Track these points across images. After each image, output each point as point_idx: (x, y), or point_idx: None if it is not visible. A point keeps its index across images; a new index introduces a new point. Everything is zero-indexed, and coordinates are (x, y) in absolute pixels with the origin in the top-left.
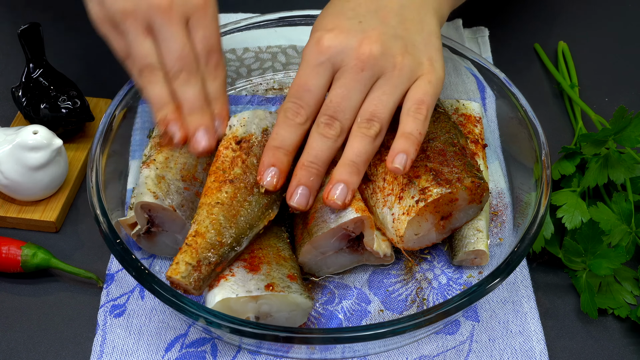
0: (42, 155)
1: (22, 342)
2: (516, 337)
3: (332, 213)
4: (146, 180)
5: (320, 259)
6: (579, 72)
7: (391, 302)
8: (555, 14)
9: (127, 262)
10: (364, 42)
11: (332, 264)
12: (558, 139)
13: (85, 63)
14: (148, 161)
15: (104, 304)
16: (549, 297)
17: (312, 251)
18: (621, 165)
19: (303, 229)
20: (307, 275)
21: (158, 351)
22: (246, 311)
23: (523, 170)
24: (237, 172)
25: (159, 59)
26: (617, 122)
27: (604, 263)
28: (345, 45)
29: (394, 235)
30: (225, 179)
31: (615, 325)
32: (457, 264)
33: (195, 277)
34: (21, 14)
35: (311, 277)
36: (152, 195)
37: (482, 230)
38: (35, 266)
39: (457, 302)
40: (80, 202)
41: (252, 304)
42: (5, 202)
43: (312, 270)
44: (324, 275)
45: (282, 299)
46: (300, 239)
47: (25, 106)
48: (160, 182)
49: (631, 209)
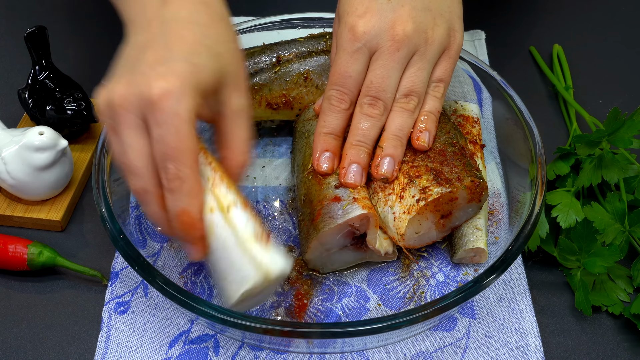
0: (47, 156)
1: (29, 338)
2: (512, 333)
3: (338, 209)
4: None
5: (325, 255)
6: (574, 74)
7: (389, 299)
8: (550, 17)
9: (130, 258)
10: (396, 23)
11: (336, 260)
12: (553, 140)
13: (90, 65)
14: None
15: (108, 302)
16: (544, 294)
17: (318, 247)
18: (615, 165)
19: (309, 225)
20: (311, 272)
21: (161, 347)
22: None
23: (519, 170)
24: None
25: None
26: (610, 123)
27: (598, 261)
28: (379, 28)
29: (395, 234)
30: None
31: (609, 322)
32: (456, 261)
33: None
34: (27, 17)
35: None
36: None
37: (481, 228)
38: (41, 264)
39: (453, 298)
40: (86, 202)
41: None
42: (12, 202)
43: (317, 267)
44: (328, 272)
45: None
46: (307, 235)
47: (31, 108)
48: None
49: (624, 209)
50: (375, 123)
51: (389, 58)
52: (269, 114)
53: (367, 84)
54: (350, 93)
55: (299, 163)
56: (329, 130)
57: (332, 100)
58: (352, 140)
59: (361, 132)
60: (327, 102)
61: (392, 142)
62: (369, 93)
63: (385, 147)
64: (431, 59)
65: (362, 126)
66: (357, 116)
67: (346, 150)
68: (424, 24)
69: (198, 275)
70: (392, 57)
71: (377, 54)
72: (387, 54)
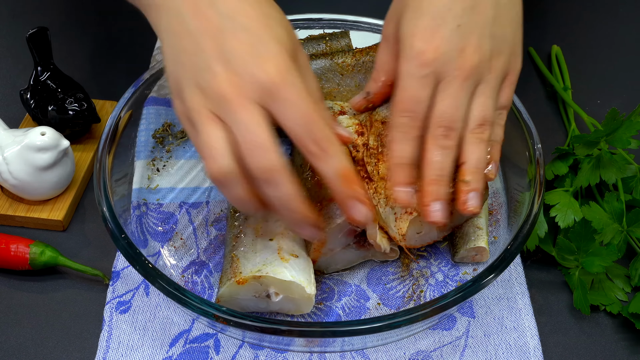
0: (49, 156)
1: (31, 337)
2: (511, 332)
3: (337, 209)
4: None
5: (329, 255)
6: (572, 75)
7: (389, 298)
8: (548, 18)
9: (132, 257)
10: (465, 51)
11: (340, 260)
12: (551, 140)
13: (91, 66)
14: None
15: (109, 301)
16: (543, 293)
17: (321, 247)
18: (613, 165)
19: None
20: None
21: (162, 346)
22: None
23: (517, 170)
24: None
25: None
26: (609, 123)
27: (596, 261)
28: (449, 56)
29: (396, 234)
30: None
31: (607, 322)
32: (458, 260)
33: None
34: (29, 18)
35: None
36: None
37: (482, 227)
38: (43, 264)
39: (452, 297)
40: (87, 202)
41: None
42: (14, 202)
43: (321, 268)
44: (332, 272)
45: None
46: None
47: (33, 108)
48: None
49: (622, 208)
50: (449, 154)
51: (459, 87)
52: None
53: (438, 114)
54: (421, 120)
55: (298, 165)
56: (407, 160)
57: (405, 127)
58: (432, 176)
59: (439, 166)
60: (399, 130)
61: (476, 175)
62: (442, 124)
63: (472, 181)
64: (496, 86)
65: (440, 159)
66: (431, 148)
67: (426, 186)
68: (490, 52)
69: (199, 275)
70: (461, 87)
71: (446, 82)
72: (456, 83)
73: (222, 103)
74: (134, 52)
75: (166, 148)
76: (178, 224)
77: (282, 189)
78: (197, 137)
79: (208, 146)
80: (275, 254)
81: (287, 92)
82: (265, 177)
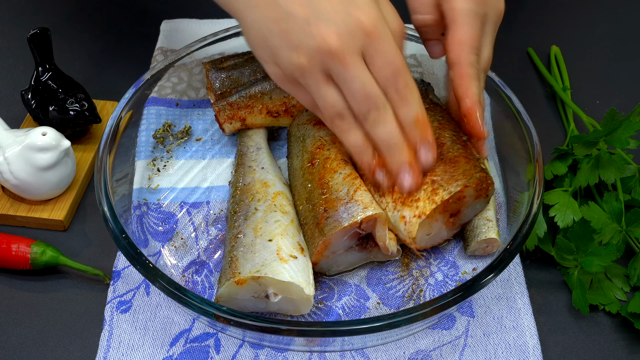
0: (50, 156)
1: (32, 337)
2: (510, 332)
3: (343, 212)
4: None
5: (331, 258)
6: (571, 75)
7: (389, 298)
8: (548, 19)
9: (132, 257)
10: None
11: (342, 262)
12: (551, 140)
13: (92, 67)
14: None
15: (110, 300)
16: (542, 293)
17: (324, 251)
18: (612, 165)
19: (314, 229)
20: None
21: (163, 346)
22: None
23: (517, 170)
24: None
25: (346, 104)
26: (607, 124)
27: (595, 260)
28: None
29: (406, 237)
30: None
31: (606, 321)
32: (470, 253)
33: None
34: (30, 18)
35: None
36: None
37: (492, 219)
38: (44, 263)
39: (452, 297)
40: (88, 202)
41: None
42: (15, 202)
43: (323, 270)
44: (334, 274)
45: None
46: (312, 238)
47: (34, 108)
48: None
49: (621, 208)
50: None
51: (493, 31)
52: (269, 122)
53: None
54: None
55: (297, 167)
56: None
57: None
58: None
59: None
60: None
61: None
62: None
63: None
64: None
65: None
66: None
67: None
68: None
69: (199, 275)
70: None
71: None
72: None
73: (327, 58)
74: (135, 52)
75: (166, 148)
76: (178, 223)
77: (389, 127)
78: (304, 96)
79: (322, 98)
80: (274, 255)
81: (380, 42)
82: (373, 118)
